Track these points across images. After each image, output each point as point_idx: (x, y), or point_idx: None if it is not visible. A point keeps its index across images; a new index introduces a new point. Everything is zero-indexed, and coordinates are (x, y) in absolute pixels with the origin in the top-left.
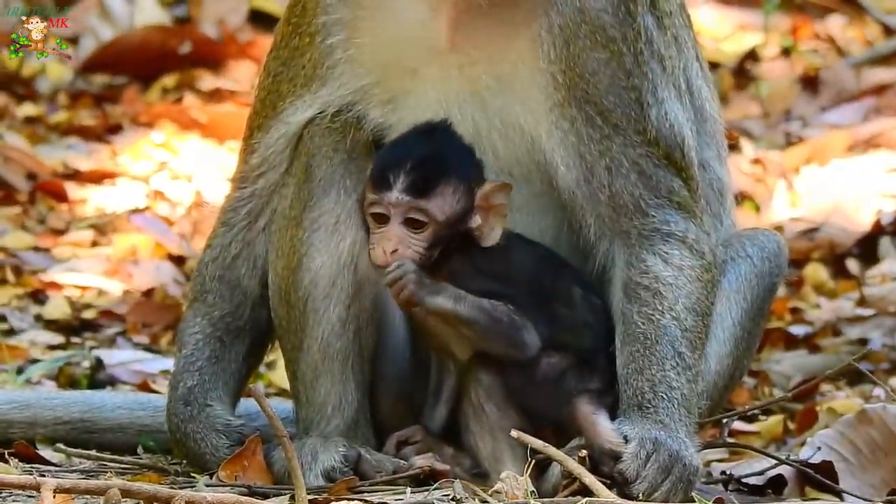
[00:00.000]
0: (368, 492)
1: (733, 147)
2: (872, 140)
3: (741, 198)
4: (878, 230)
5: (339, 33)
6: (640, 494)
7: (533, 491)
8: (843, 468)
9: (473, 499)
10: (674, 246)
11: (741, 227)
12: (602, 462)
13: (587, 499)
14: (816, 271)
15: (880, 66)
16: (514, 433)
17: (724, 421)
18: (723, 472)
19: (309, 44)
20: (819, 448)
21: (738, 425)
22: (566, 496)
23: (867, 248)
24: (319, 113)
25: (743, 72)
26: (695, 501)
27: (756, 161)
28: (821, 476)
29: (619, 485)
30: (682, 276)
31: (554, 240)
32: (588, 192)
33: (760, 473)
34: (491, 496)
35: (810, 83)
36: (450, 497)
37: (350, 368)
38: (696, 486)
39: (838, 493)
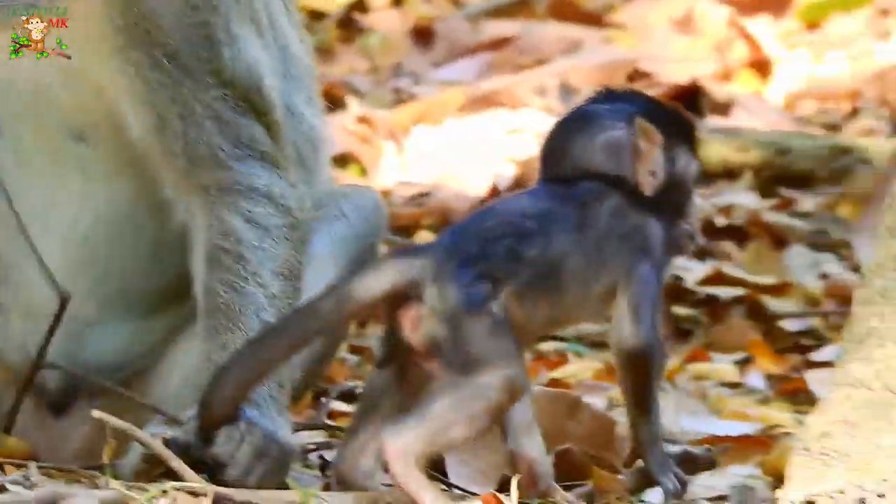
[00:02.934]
0: None
1: (339, 105)
2: (490, 98)
3: (347, 160)
4: (494, 196)
5: None
6: (232, 479)
7: (116, 476)
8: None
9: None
10: (258, 203)
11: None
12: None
13: (172, 483)
14: (426, 240)
15: (499, 19)
16: (95, 413)
17: (323, 400)
18: (320, 457)
19: None
20: None
21: (338, 406)
22: (150, 481)
23: None
24: None
25: (350, 23)
26: (289, 487)
27: (363, 120)
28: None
29: (212, 469)
30: (269, 238)
31: (132, 205)
32: (162, 145)
33: None
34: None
35: (423, 36)
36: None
37: None
38: (292, 471)
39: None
